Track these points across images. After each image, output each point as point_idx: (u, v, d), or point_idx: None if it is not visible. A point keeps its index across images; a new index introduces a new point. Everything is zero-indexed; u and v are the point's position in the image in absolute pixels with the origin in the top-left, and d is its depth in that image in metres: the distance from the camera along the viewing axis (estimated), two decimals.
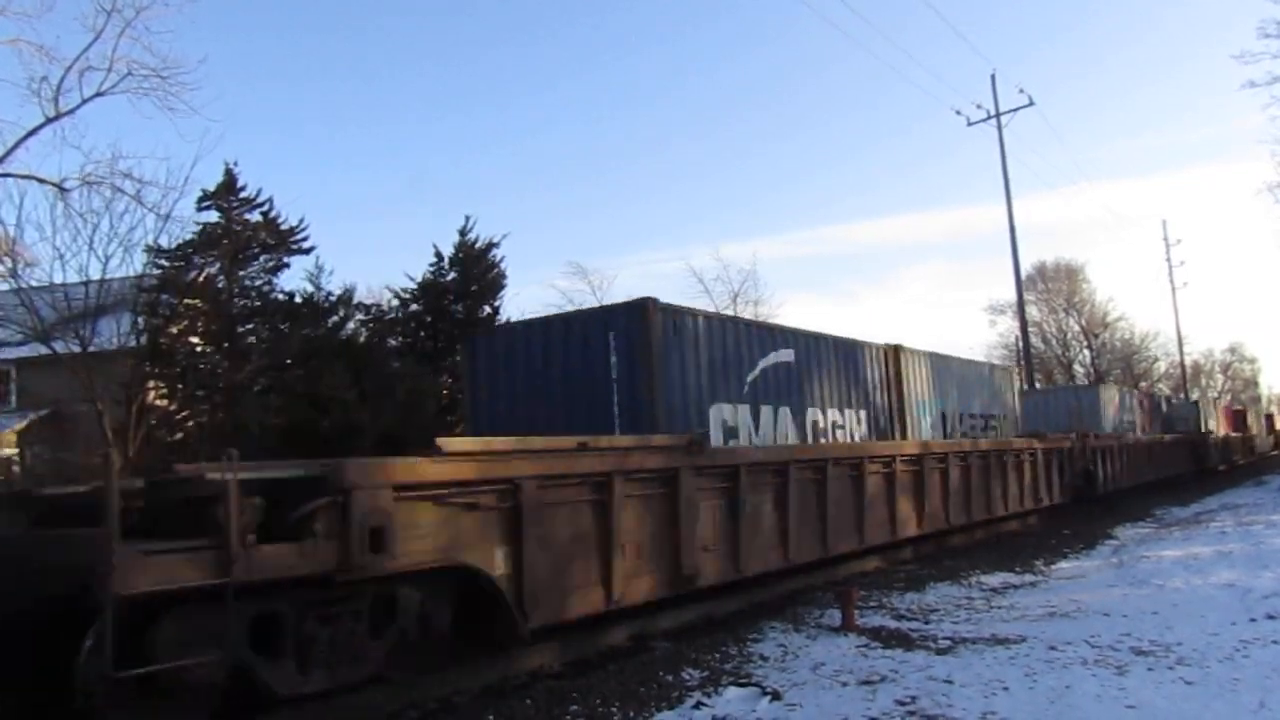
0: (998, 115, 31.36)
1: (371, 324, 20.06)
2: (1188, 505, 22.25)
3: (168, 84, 18.67)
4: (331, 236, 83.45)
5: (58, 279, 17.46)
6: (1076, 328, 66.07)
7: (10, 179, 17.26)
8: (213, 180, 19.37)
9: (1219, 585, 9.69)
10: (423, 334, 20.16)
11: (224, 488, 4.45)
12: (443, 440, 5.60)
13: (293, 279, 44.85)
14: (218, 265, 18.85)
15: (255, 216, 19.48)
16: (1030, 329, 42.88)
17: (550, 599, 6.22)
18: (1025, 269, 44.49)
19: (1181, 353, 56.44)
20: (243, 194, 19.45)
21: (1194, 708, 5.37)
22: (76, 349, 16.88)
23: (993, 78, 38.17)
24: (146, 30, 25.70)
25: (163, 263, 18.16)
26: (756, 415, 11.73)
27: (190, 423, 18.10)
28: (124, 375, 17.03)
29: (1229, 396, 76.12)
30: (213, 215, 19.16)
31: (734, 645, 7.44)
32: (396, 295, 20.44)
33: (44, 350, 17.79)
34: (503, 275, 20.68)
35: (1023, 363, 37.41)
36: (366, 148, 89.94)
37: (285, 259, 19.72)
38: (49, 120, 17.62)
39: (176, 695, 4.50)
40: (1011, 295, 36.74)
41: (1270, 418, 67.99)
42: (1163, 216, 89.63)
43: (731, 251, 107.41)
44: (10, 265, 16.96)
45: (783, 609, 8.96)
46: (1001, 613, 8.95)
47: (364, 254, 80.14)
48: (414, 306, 19.94)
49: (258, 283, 19.45)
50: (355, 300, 20.30)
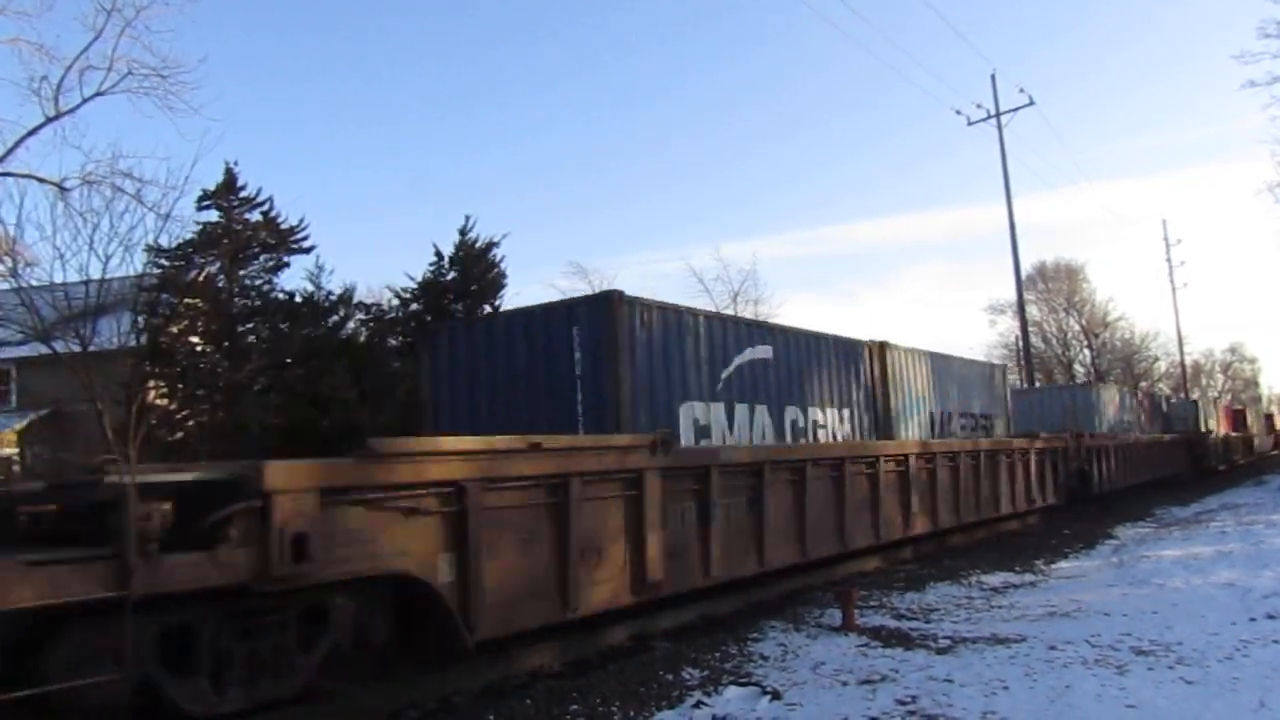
0: (998, 115, 31.38)
1: (372, 324, 20.02)
2: (1188, 505, 22.25)
3: (168, 83, 18.69)
4: (331, 236, 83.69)
5: (58, 278, 17.43)
6: (1076, 328, 66.14)
7: (10, 178, 17.25)
8: (213, 180, 19.38)
9: (1219, 585, 9.69)
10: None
11: (123, 492, 4.13)
12: (375, 441, 5.29)
13: (293, 278, 44.82)
14: (218, 265, 18.85)
15: (255, 216, 19.48)
16: (1030, 329, 42.88)
17: (500, 609, 5.86)
18: (1025, 269, 44.50)
19: (1181, 353, 56.50)
20: (243, 193, 19.45)
21: (1194, 707, 5.37)
22: (76, 348, 16.86)
23: (993, 77, 38.33)
24: (147, 29, 25.77)
25: (163, 262, 18.14)
26: (731, 414, 11.27)
27: (190, 422, 18.09)
28: (124, 375, 17.02)
29: (1229, 396, 76.14)
30: (213, 215, 19.16)
31: (734, 645, 7.45)
32: (397, 295, 20.39)
33: (44, 350, 17.75)
34: (503, 275, 20.62)
35: (1023, 363, 37.43)
36: (366, 148, 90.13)
37: (285, 258, 19.71)
38: (49, 120, 17.63)
39: (68, 718, 4.23)
40: (1011, 295, 36.77)
41: (1270, 417, 68.04)
42: (1163, 216, 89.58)
43: (731, 251, 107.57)
44: (10, 265, 16.93)
45: (783, 608, 8.97)
46: (1001, 612, 8.95)
47: (364, 253, 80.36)
48: (414, 306, 19.87)
49: (258, 282, 19.45)
50: (355, 300, 20.28)
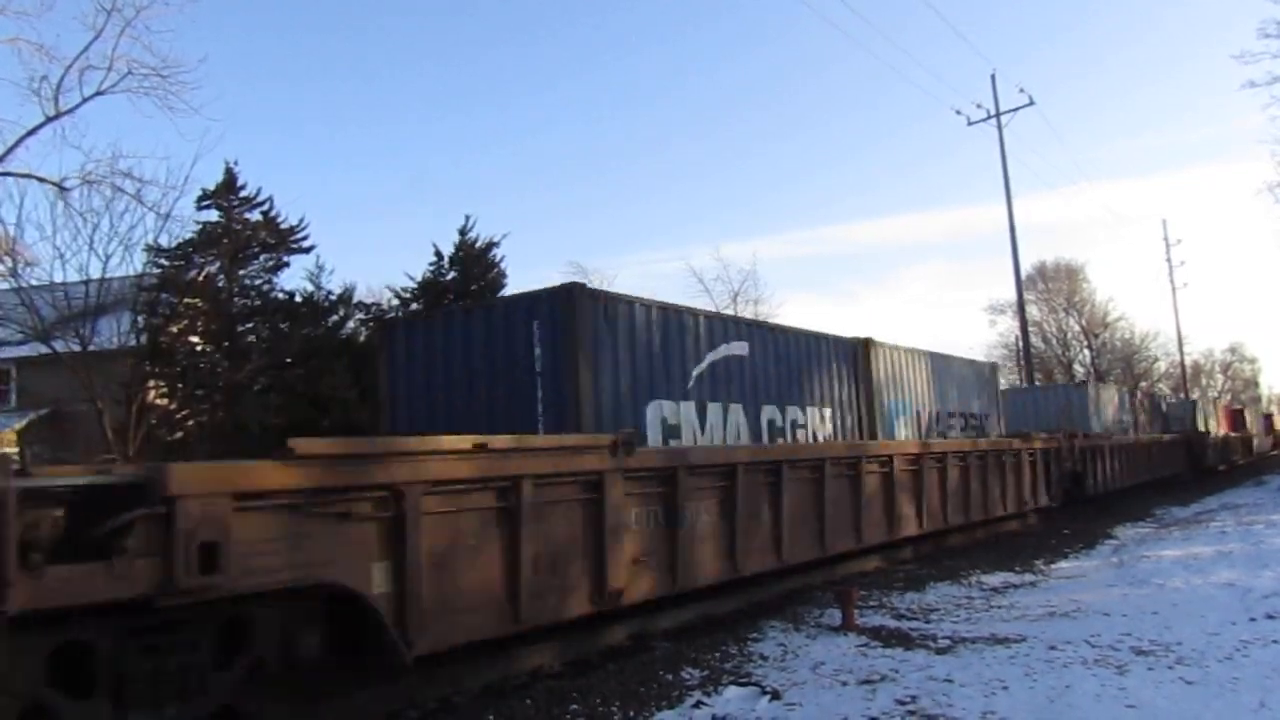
0: (998, 115, 31.38)
1: (371, 324, 20.05)
2: (1187, 505, 22.25)
3: (168, 83, 18.68)
4: (331, 236, 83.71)
5: (58, 278, 17.48)
6: (1076, 328, 66.14)
7: (10, 178, 17.26)
8: (213, 179, 19.44)
9: (1219, 585, 9.69)
10: None
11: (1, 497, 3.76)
12: (296, 441, 4.88)
13: (293, 278, 44.92)
14: (218, 264, 18.87)
15: (255, 216, 19.52)
16: (1030, 329, 42.88)
17: (442, 621, 5.51)
18: (1025, 269, 44.58)
19: (1181, 353, 56.52)
20: (243, 193, 19.49)
21: (1194, 707, 5.37)
22: (76, 348, 16.88)
23: (993, 77, 38.39)
24: (147, 29, 25.79)
25: (163, 262, 18.18)
26: (703, 413, 10.83)
27: (190, 422, 18.12)
28: (124, 374, 17.03)
29: (1229, 396, 76.18)
30: (213, 214, 19.21)
31: (734, 645, 7.45)
32: (397, 295, 20.43)
33: (44, 349, 17.78)
34: (503, 275, 20.69)
35: (1023, 363, 37.44)
36: (366, 147, 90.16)
37: (285, 258, 19.76)
38: (49, 119, 17.63)
39: None
40: (1011, 295, 36.77)
41: (1269, 417, 68.05)
42: (1163, 216, 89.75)
43: (731, 251, 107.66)
44: (10, 264, 16.96)
45: (782, 608, 8.97)
46: (1001, 612, 8.95)
47: (364, 253, 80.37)
48: (414, 306, 19.92)
49: (258, 282, 19.50)
50: (355, 299, 20.34)
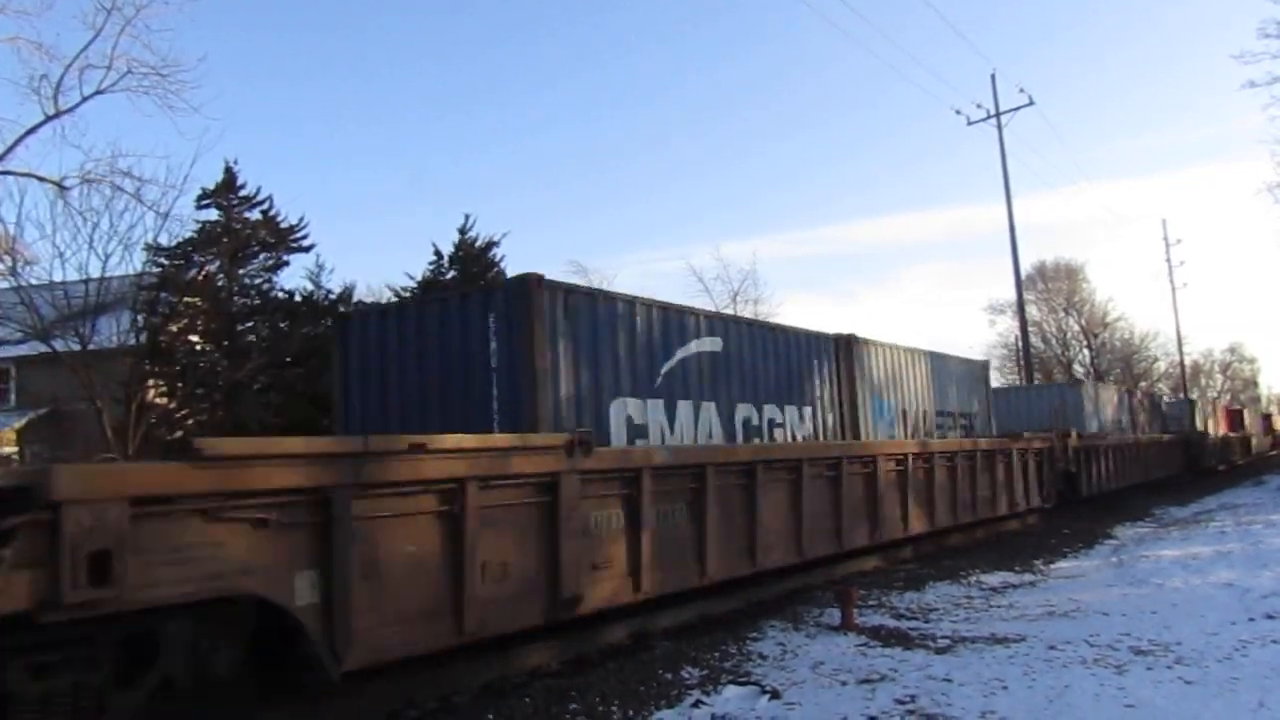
0: (998, 115, 31.37)
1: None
2: (1186, 505, 22.26)
3: (167, 82, 18.69)
4: (331, 235, 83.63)
5: (57, 277, 17.47)
6: (1076, 328, 66.15)
7: (10, 177, 17.27)
8: (212, 178, 19.46)
9: (1218, 585, 9.69)
10: None
11: None
12: (204, 440, 4.55)
13: (293, 277, 44.95)
14: (217, 263, 18.89)
15: (255, 215, 19.55)
16: (1030, 329, 42.91)
17: (376, 633, 5.15)
18: (1025, 269, 44.61)
19: (1181, 353, 56.49)
20: (242, 192, 19.51)
21: (1193, 707, 5.37)
22: (76, 347, 16.88)
23: (993, 77, 38.40)
24: (146, 28, 25.89)
25: (162, 261, 18.19)
26: (672, 412, 10.35)
27: (190, 421, 18.13)
28: (124, 373, 17.03)
29: (1228, 396, 76.22)
30: (212, 213, 19.23)
31: (733, 644, 7.45)
32: (396, 294, 20.44)
33: (44, 348, 17.77)
34: (503, 274, 20.68)
35: (1023, 363, 37.45)
36: (366, 146, 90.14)
37: (285, 257, 19.79)
38: (49, 118, 17.65)
39: None
40: (1011, 295, 36.79)
41: (1268, 418, 68.10)
42: (1163, 216, 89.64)
43: (731, 251, 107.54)
44: (10, 263, 16.97)
45: (782, 608, 8.97)
46: (1001, 612, 8.96)
47: (364, 252, 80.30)
48: None
49: (257, 281, 19.52)
50: (355, 298, 20.33)
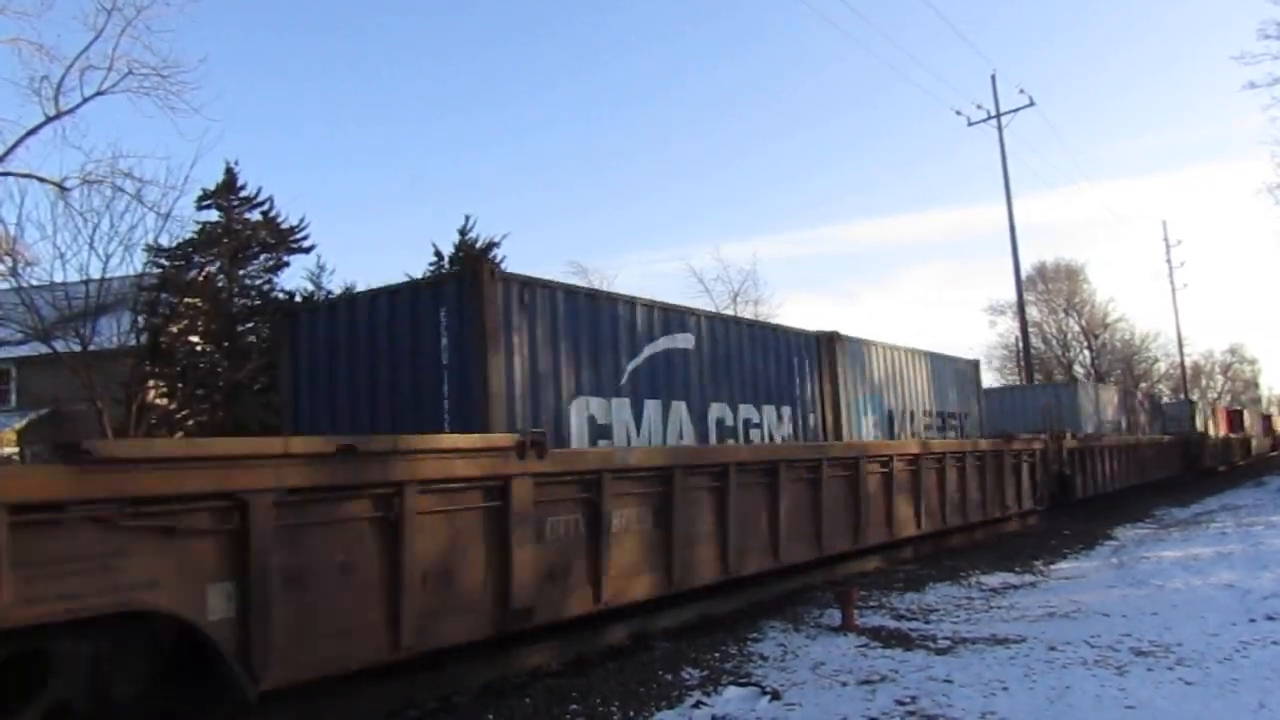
0: (998, 115, 31.37)
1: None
2: (1187, 506, 22.27)
3: (168, 83, 18.69)
4: (332, 235, 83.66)
5: (58, 278, 17.46)
6: (1076, 328, 66.16)
7: (11, 178, 17.26)
8: (213, 179, 19.40)
9: (1219, 586, 9.69)
10: None
11: None
12: (99, 442, 4.23)
13: (293, 278, 44.97)
14: (218, 264, 18.85)
15: (255, 215, 19.49)
16: (1030, 329, 42.89)
17: (300, 649, 4.81)
18: (1025, 269, 44.57)
19: (1181, 353, 56.48)
20: (243, 193, 19.46)
21: (1193, 708, 5.37)
22: (76, 348, 16.87)
23: (993, 78, 38.34)
24: (147, 29, 25.76)
25: (163, 262, 18.15)
26: (639, 412, 9.90)
27: (190, 422, 18.10)
28: (124, 374, 17.02)
29: (1229, 397, 76.21)
30: (213, 214, 19.18)
31: (734, 645, 7.46)
32: None
33: (44, 349, 17.77)
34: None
35: (1023, 364, 37.45)
36: (366, 147, 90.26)
37: (285, 258, 19.72)
38: (49, 119, 17.64)
39: None
40: (1011, 295, 36.75)
41: (1268, 418, 68.08)
42: (1163, 216, 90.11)
43: (731, 251, 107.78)
44: (10, 264, 16.96)
45: (782, 608, 8.98)
46: (1001, 613, 8.96)
47: (364, 253, 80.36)
48: None
49: (258, 281, 19.46)
50: None
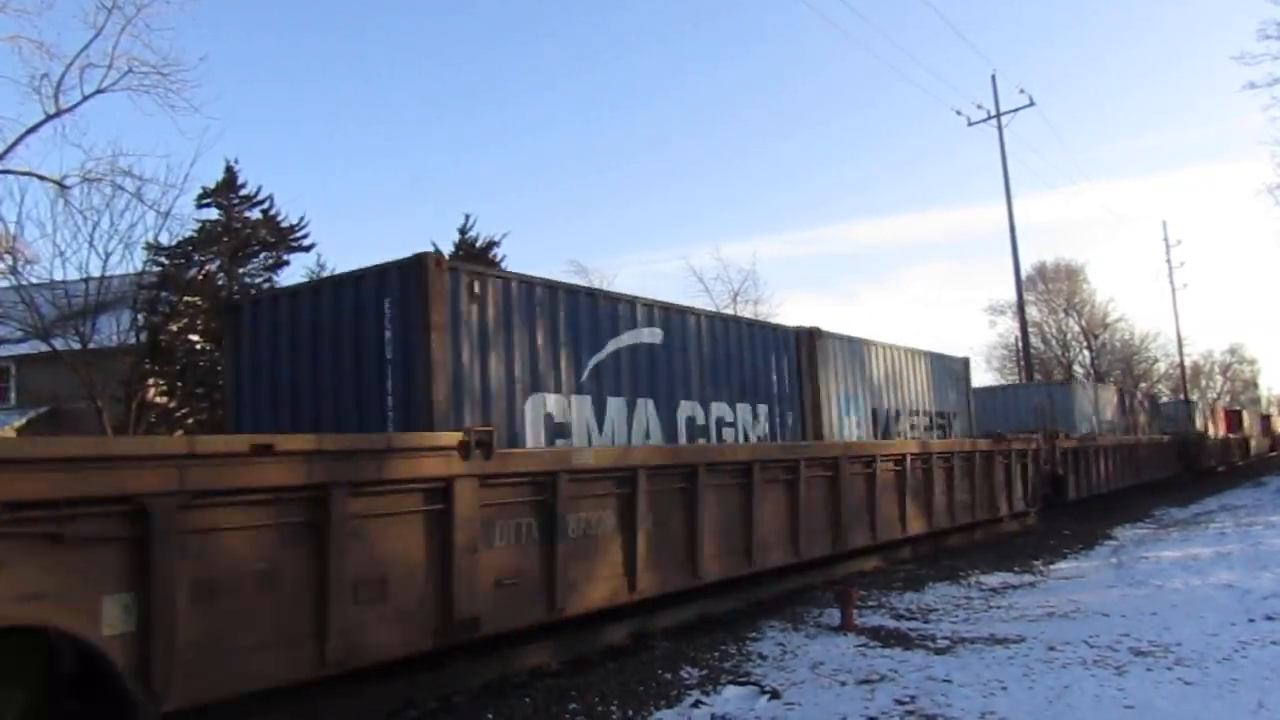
0: (998, 115, 31.34)
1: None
2: (1186, 506, 22.29)
3: (168, 81, 18.63)
4: (332, 234, 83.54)
5: (58, 276, 17.44)
6: (1076, 328, 66.08)
7: (11, 176, 17.23)
8: (213, 178, 19.47)
9: (1218, 586, 9.70)
10: None
11: None
12: None
13: (293, 276, 44.68)
14: (218, 262, 18.89)
15: (255, 214, 19.55)
16: (1030, 329, 42.88)
17: (210, 665, 4.46)
18: (1025, 269, 44.55)
19: (1181, 354, 56.43)
20: (243, 191, 19.51)
21: (1193, 708, 5.38)
22: (76, 346, 16.86)
23: (993, 78, 38.31)
24: (147, 27, 25.82)
25: (163, 260, 18.18)
26: (601, 410, 9.46)
27: (190, 420, 18.12)
28: (124, 372, 17.02)
29: (1228, 398, 76.21)
30: (213, 213, 19.24)
31: (733, 644, 7.46)
32: None
33: (44, 347, 17.75)
34: None
35: (1023, 364, 37.45)
36: (366, 146, 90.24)
37: (285, 256, 19.81)
38: (49, 117, 17.59)
39: None
40: (1011, 295, 36.72)
41: (1267, 419, 68.09)
42: (1163, 216, 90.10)
43: (731, 251, 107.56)
44: (10, 262, 16.95)
45: (782, 608, 8.98)
46: (1000, 613, 8.96)
47: (364, 252, 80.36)
48: None
49: (258, 280, 19.50)
50: None
